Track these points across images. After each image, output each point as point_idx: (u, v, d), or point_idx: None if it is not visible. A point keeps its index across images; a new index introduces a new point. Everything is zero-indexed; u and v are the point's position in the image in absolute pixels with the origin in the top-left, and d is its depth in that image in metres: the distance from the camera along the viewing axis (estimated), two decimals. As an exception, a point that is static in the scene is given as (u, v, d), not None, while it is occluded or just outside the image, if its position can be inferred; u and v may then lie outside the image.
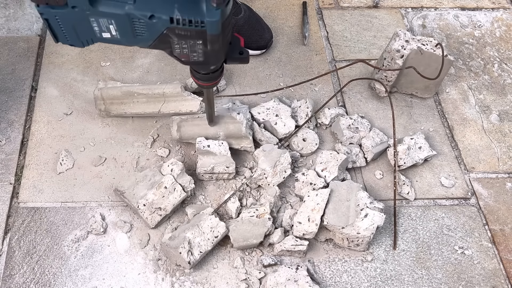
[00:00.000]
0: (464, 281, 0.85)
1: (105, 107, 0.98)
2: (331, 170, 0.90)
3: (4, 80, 1.06)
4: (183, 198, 0.87)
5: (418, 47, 0.97)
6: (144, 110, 0.97)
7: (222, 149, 0.90)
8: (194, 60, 0.63)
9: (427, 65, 0.99)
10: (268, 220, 0.84)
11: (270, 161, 0.89)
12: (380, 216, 0.83)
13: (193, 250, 0.81)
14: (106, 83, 0.99)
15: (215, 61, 0.63)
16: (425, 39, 0.99)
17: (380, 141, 0.97)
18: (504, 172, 1.00)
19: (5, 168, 0.93)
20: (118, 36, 0.59)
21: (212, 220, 0.83)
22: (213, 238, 0.82)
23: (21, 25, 1.17)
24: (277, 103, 1.02)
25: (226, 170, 0.89)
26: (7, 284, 0.80)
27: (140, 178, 0.88)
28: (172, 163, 0.89)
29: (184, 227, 0.83)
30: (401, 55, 0.97)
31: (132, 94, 0.96)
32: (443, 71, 0.98)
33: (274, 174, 0.89)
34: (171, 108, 0.97)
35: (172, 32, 0.56)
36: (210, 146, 0.90)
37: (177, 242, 0.81)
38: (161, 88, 0.96)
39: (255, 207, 0.86)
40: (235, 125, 0.93)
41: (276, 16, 1.23)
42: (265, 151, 0.92)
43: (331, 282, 0.84)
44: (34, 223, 0.87)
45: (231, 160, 0.90)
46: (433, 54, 0.97)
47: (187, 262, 0.80)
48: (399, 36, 0.99)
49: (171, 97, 0.96)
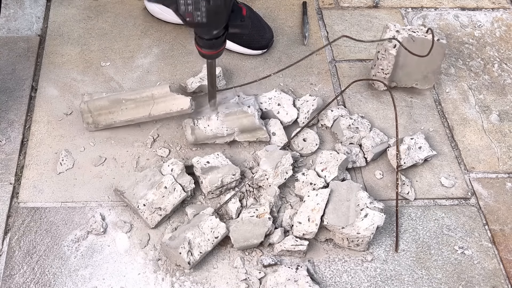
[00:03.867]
0: (464, 281, 0.85)
1: (92, 119, 0.96)
2: (331, 170, 0.90)
3: (4, 80, 1.06)
4: (183, 198, 0.87)
5: (409, 34, 0.98)
6: (133, 116, 0.96)
7: (221, 159, 0.90)
8: (197, 21, 0.65)
9: (421, 51, 0.99)
10: (268, 220, 0.84)
11: (272, 162, 0.89)
12: (380, 216, 0.83)
13: (193, 251, 0.80)
14: (91, 95, 0.98)
15: (217, 23, 0.66)
16: (415, 27, 1.01)
17: (380, 141, 0.98)
18: (504, 172, 1.00)
19: (5, 168, 0.93)
20: None
21: (213, 220, 0.83)
22: (213, 238, 0.82)
23: (21, 25, 1.17)
24: (279, 92, 1.02)
25: (233, 178, 0.89)
26: (7, 284, 0.80)
27: (140, 178, 0.88)
28: (173, 163, 0.89)
29: (185, 227, 0.83)
30: (394, 44, 0.98)
31: (120, 101, 0.95)
32: (438, 56, 0.99)
33: (275, 175, 0.89)
34: (161, 109, 0.95)
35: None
36: (210, 161, 0.89)
37: (177, 242, 0.80)
38: (149, 90, 0.95)
39: (255, 207, 0.86)
40: (248, 118, 0.93)
41: (276, 16, 1.23)
42: (268, 151, 0.92)
43: (331, 282, 0.84)
44: (34, 223, 0.87)
45: (234, 167, 0.89)
46: (425, 40, 0.98)
47: (187, 263, 0.80)
48: (389, 28, 1.00)
49: (160, 98, 0.95)
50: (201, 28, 0.70)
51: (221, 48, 0.75)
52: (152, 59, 1.12)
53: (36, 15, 1.19)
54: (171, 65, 1.11)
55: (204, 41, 0.73)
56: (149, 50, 1.14)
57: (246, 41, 1.11)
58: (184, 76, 1.09)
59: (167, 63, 1.12)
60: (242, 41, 1.11)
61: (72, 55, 1.12)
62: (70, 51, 1.12)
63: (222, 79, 1.05)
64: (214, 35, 0.71)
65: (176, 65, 1.11)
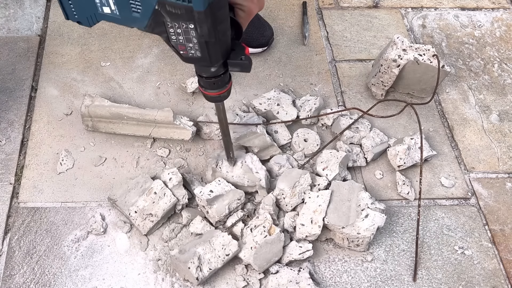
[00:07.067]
0: (464, 281, 0.85)
1: (92, 124, 0.96)
2: (332, 168, 0.90)
3: (4, 80, 1.06)
4: (173, 203, 0.85)
5: (414, 58, 0.97)
6: (134, 132, 0.96)
7: (223, 185, 0.86)
8: (192, 55, 0.63)
9: (423, 73, 1.00)
10: (280, 234, 0.82)
11: (289, 181, 0.86)
12: (380, 217, 0.83)
13: (202, 266, 0.79)
14: (92, 99, 0.96)
15: (212, 58, 0.63)
16: (423, 47, 0.99)
17: (380, 141, 0.97)
18: (504, 172, 1.00)
19: (5, 168, 0.93)
20: (117, 12, 0.60)
21: (225, 237, 0.81)
22: (224, 255, 0.80)
23: (21, 25, 1.17)
24: (278, 92, 1.02)
25: (239, 202, 0.86)
26: (7, 284, 0.80)
27: (132, 186, 0.87)
28: (173, 173, 0.88)
29: (196, 241, 0.81)
30: (398, 64, 0.98)
31: (122, 116, 0.94)
32: (439, 78, 0.99)
33: (292, 195, 0.86)
34: (162, 133, 0.95)
35: (163, 8, 0.57)
36: (213, 190, 0.85)
37: (186, 256, 0.79)
38: (152, 114, 0.94)
39: (262, 224, 0.83)
40: (259, 138, 0.92)
41: (276, 16, 1.23)
42: (278, 163, 0.91)
43: (331, 282, 0.84)
44: (34, 223, 0.87)
45: (238, 191, 0.86)
46: (429, 65, 0.97)
47: (195, 278, 0.78)
48: (397, 44, 0.99)
49: (163, 123, 0.94)
50: (198, 64, 0.67)
51: (225, 90, 0.71)
52: (152, 59, 1.12)
53: (36, 15, 1.19)
54: (171, 65, 1.11)
55: (204, 80, 0.69)
56: (149, 50, 1.14)
57: (246, 39, 1.10)
58: (184, 76, 1.09)
59: (167, 63, 1.12)
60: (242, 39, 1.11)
61: (72, 55, 1.11)
62: (70, 51, 1.12)
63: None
64: (213, 73, 0.68)
65: (176, 65, 1.11)
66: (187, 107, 1.04)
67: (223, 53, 0.64)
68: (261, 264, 0.81)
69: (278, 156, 0.94)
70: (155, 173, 0.93)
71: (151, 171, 0.94)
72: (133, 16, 0.60)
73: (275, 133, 0.97)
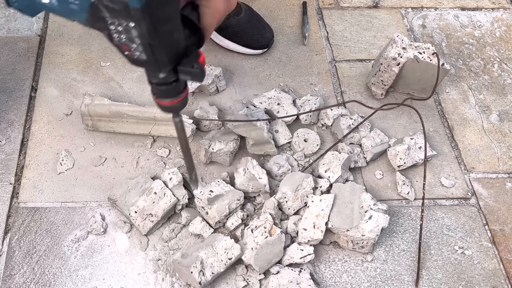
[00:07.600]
0: (464, 281, 0.85)
1: (92, 123, 0.96)
2: (334, 170, 0.90)
3: (4, 80, 1.05)
4: (173, 203, 0.85)
5: (414, 55, 0.97)
6: (134, 130, 0.96)
7: (223, 186, 0.87)
8: (137, 57, 0.57)
9: (423, 71, 0.99)
10: (281, 234, 0.82)
11: (292, 184, 0.86)
12: (384, 217, 0.83)
13: (205, 271, 0.78)
14: (92, 98, 0.96)
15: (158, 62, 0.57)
16: (423, 46, 0.99)
17: (381, 141, 0.97)
18: (504, 172, 1.00)
19: (5, 168, 0.93)
20: (55, 2, 0.55)
21: (227, 241, 0.80)
22: (226, 259, 0.79)
23: (21, 25, 1.17)
24: (278, 92, 1.02)
25: (239, 203, 0.86)
26: (7, 284, 0.80)
27: (132, 186, 0.87)
28: (173, 173, 0.87)
29: (198, 246, 0.81)
30: (397, 62, 0.98)
31: (121, 114, 0.94)
32: (439, 77, 0.99)
33: (295, 199, 0.86)
34: (161, 131, 0.95)
35: (100, 1, 0.52)
36: (213, 190, 0.85)
37: (189, 261, 0.78)
38: (152, 111, 0.94)
39: (262, 224, 0.83)
40: (257, 131, 0.92)
41: (276, 16, 1.23)
42: (278, 163, 0.91)
43: (331, 282, 0.84)
44: (34, 223, 0.87)
45: (237, 192, 0.86)
46: (429, 63, 0.97)
47: (197, 282, 0.77)
48: (396, 43, 0.99)
49: (162, 121, 0.94)
50: (145, 68, 0.60)
51: (179, 99, 0.64)
52: (152, 59, 1.12)
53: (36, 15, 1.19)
54: (171, 65, 1.11)
55: (154, 86, 0.62)
56: (149, 50, 1.14)
57: (246, 41, 1.11)
58: (184, 76, 1.09)
59: (167, 63, 1.11)
60: (242, 41, 1.11)
61: (72, 55, 1.11)
62: (70, 51, 1.12)
63: (222, 79, 1.05)
64: (162, 79, 0.60)
65: (176, 65, 1.11)
66: (186, 107, 1.03)
67: (171, 58, 0.58)
68: (262, 265, 0.81)
69: (277, 156, 0.93)
70: (155, 173, 0.93)
71: (151, 171, 0.94)
72: (71, 8, 0.55)
73: (276, 132, 0.97)
